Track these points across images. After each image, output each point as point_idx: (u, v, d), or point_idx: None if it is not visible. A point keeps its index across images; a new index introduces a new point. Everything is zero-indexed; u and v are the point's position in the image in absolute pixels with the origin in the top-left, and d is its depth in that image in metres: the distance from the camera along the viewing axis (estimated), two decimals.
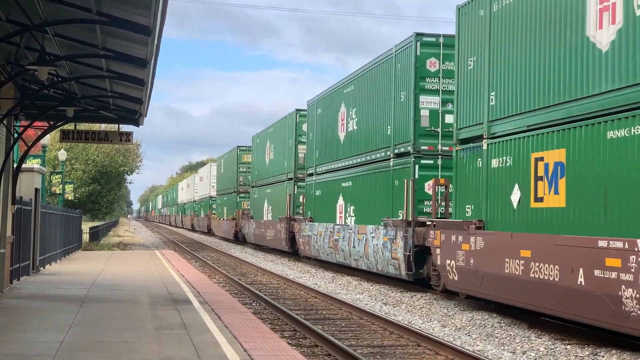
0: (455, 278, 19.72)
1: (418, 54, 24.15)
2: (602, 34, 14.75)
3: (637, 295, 13.02)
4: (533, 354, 14.19)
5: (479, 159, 19.28)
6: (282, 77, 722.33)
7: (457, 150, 20.76)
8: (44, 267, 27.40)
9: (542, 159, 16.49)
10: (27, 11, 13.56)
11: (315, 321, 17.62)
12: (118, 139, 24.67)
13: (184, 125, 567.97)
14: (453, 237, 19.80)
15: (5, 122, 18.91)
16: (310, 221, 35.87)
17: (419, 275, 23.17)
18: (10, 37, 14.25)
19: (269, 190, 46.72)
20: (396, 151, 25.52)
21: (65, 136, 24.70)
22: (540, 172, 16.51)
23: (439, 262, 20.83)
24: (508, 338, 15.81)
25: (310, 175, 36.96)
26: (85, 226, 53.70)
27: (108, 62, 16.94)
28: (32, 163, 31.69)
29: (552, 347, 14.78)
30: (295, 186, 40.42)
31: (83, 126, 45.05)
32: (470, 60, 20.10)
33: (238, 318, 15.89)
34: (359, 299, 22.46)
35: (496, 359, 13.58)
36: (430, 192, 23.53)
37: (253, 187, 52.30)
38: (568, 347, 14.79)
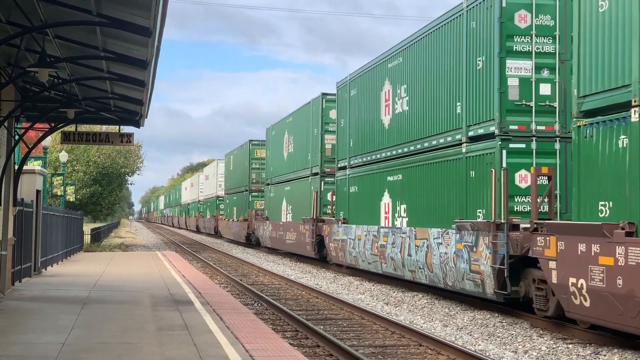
0: (586, 303, 14.50)
1: (504, 5, 19.02)
2: None
3: None
4: (535, 354, 14.19)
5: (623, 136, 14.06)
6: (282, 77, 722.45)
7: (579, 127, 15.43)
8: (46, 269, 27.41)
9: None
10: (27, 13, 13.57)
11: (317, 321, 17.62)
12: (119, 140, 24.67)
13: (184, 126, 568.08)
14: (582, 247, 14.51)
15: (6, 124, 18.93)
16: (344, 223, 30.73)
17: (513, 294, 17.92)
18: (11, 39, 14.26)
19: (288, 188, 41.89)
20: (471, 133, 20.28)
21: (66, 138, 24.71)
22: None
23: (554, 280, 15.53)
24: (510, 337, 15.80)
25: (343, 169, 31.61)
26: (87, 227, 53.71)
27: (108, 63, 16.95)
28: (33, 165, 31.71)
29: (554, 346, 14.78)
30: (322, 182, 35.46)
31: (84, 128, 45.06)
32: None
33: (239, 319, 15.90)
34: (360, 299, 22.46)
35: (498, 358, 13.59)
36: (522, 184, 18.81)
37: (268, 184, 47.55)
38: (570, 346, 14.79)
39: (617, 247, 13.56)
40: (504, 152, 18.79)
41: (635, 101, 13.83)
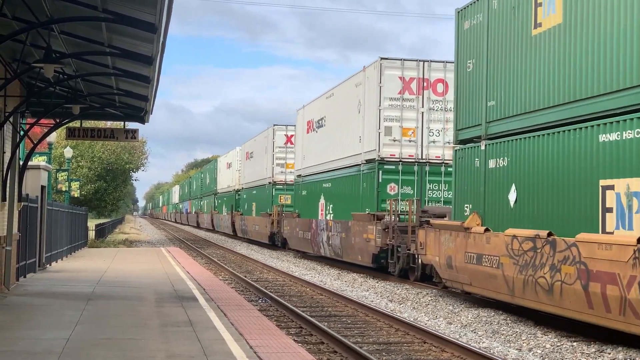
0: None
1: None
2: None
3: None
4: (539, 351, 14.18)
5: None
6: (282, 73, 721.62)
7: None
8: (50, 265, 27.45)
9: None
10: (33, 9, 13.57)
11: (321, 318, 17.62)
12: (124, 137, 24.71)
13: (186, 122, 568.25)
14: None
15: (11, 119, 18.94)
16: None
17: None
18: (16, 34, 14.27)
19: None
20: None
21: (71, 134, 24.74)
22: None
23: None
24: (514, 335, 15.79)
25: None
26: (91, 223, 53.83)
27: (114, 59, 16.95)
28: (38, 160, 31.76)
29: (559, 344, 14.76)
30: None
31: (89, 124, 45.09)
32: None
33: (244, 315, 15.91)
34: (364, 295, 22.46)
35: (502, 356, 13.57)
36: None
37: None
38: (574, 344, 14.77)
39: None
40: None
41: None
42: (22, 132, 20.64)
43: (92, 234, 49.56)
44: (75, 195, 50.25)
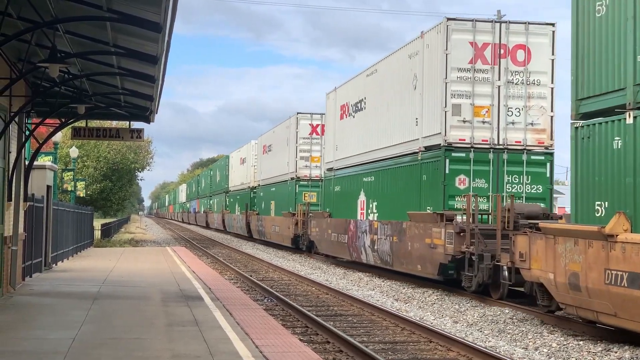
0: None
1: None
2: None
3: None
4: (545, 350, 14.14)
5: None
6: (287, 73, 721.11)
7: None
8: (56, 264, 27.48)
9: None
10: (38, 8, 13.57)
11: (327, 317, 17.61)
12: (129, 136, 24.71)
13: (191, 121, 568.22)
14: None
15: (16, 119, 18.95)
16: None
17: None
18: (21, 34, 14.27)
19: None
20: None
21: (77, 133, 24.75)
22: None
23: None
24: (520, 334, 15.75)
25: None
26: (97, 223, 53.88)
27: (119, 59, 16.94)
28: (44, 160, 31.80)
29: (565, 343, 14.72)
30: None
31: (94, 123, 45.27)
32: None
33: (249, 314, 15.90)
34: (370, 295, 22.44)
35: (508, 355, 13.54)
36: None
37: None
38: (581, 343, 14.73)
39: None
40: None
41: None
42: (27, 132, 20.65)
43: (98, 234, 49.60)
44: (81, 195, 50.31)
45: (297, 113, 42.91)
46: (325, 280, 26.52)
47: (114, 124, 55.44)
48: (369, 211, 29.13)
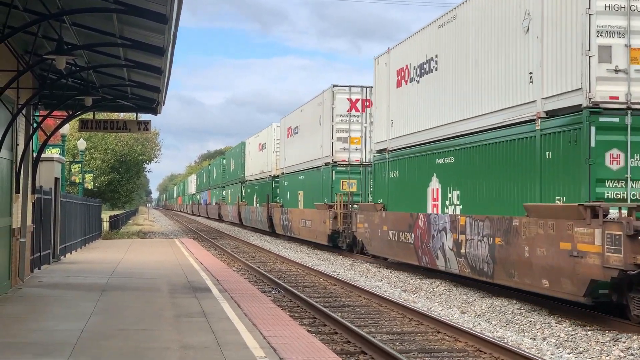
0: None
1: None
2: None
3: None
4: (554, 340, 14.13)
5: None
6: (293, 64, 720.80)
7: None
8: (65, 256, 27.56)
9: None
10: (44, 1, 13.58)
11: (335, 308, 17.62)
12: (136, 128, 24.73)
13: (198, 113, 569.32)
14: None
15: (24, 111, 18.99)
16: None
17: None
18: (28, 26, 14.28)
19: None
20: None
21: (84, 125, 24.78)
22: None
23: None
24: (528, 324, 15.74)
25: None
26: (105, 215, 54.01)
27: (125, 50, 16.95)
28: (52, 152, 31.85)
29: (573, 333, 14.70)
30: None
31: (102, 115, 45.29)
32: None
33: (257, 306, 15.91)
34: (378, 285, 22.44)
35: (516, 345, 13.53)
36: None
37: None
38: (589, 332, 14.71)
39: None
40: None
41: None
42: (35, 124, 20.69)
43: (106, 226, 49.71)
44: (89, 187, 50.40)
45: (333, 85, 36.45)
46: (333, 272, 26.52)
47: (121, 116, 55.52)
48: (447, 203, 22.35)
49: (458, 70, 21.99)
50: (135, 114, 25.03)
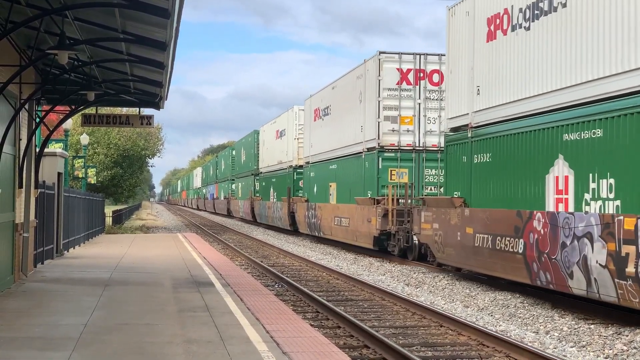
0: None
1: None
2: None
3: None
4: (556, 334, 14.13)
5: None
6: (296, 58, 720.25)
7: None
8: (68, 251, 27.58)
9: None
10: None
11: (338, 302, 17.63)
12: (139, 123, 24.73)
13: (201, 108, 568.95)
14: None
15: (26, 106, 18.99)
16: None
17: None
18: (30, 21, 14.26)
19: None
20: None
21: (87, 120, 24.79)
22: None
23: None
24: (531, 318, 15.74)
25: None
26: (108, 210, 54.06)
27: (128, 45, 16.93)
28: (55, 147, 31.85)
29: (576, 326, 14.71)
30: None
31: (104, 110, 45.27)
32: None
33: (260, 300, 15.92)
34: (381, 280, 22.44)
35: (519, 339, 13.53)
36: None
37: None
38: (592, 326, 14.71)
39: None
40: None
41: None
42: (37, 119, 20.69)
43: (109, 221, 49.74)
44: (92, 182, 50.44)
45: (379, 52, 29.94)
46: (336, 266, 26.52)
47: (124, 110, 55.47)
48: (587, 197, 15.75)
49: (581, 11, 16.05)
50: (137, 109, 25.02)
